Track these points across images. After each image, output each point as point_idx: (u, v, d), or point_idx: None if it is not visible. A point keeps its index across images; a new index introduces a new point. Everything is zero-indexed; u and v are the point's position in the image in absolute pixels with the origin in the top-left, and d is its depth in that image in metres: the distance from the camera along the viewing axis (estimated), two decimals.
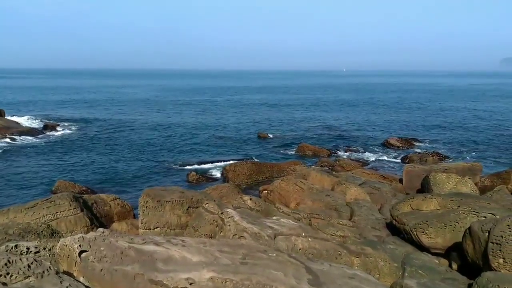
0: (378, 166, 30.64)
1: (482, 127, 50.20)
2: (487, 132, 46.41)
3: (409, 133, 45.03)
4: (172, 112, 63.66)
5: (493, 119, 57.41)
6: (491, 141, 40.74)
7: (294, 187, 16.13)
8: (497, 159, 33.18)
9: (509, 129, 48.75)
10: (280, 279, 5.11)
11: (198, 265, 5.21)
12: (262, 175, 24.86)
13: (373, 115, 62.34)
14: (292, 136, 42.85)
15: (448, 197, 12.44)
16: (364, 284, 5.60)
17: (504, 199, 16.51)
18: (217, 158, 32.51)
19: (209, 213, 8.68)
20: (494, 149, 37.22)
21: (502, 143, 39.75)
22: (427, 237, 10.90)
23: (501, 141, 41.00)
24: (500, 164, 31.26)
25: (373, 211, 14.76)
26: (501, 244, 8.63)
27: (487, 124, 52.87)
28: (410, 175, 21.14)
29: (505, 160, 32.95)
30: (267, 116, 60.15)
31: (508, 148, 37.42)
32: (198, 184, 24.92)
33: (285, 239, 7.69)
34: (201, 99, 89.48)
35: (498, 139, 42.06)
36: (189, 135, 43.21)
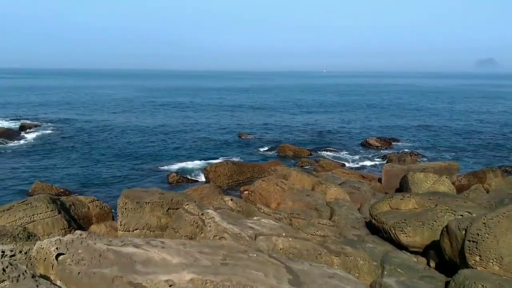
0: (357, 166, 30.98)
1: (458, 127, 51.20)
2: (464, 132, 47.35)
3: (387, 133, 45.61)
4: (152, 113, 63.12)
5: (469, 119, 58.61)
6: (467, 141, 41.59)
7: (275, 187, 16.15)
8: (474, 159, 33.89)
9: (485, 129, 49.84)
10: (261, 279, 5.12)
11: (178, 266, 5.17)
12: (243, 176, 24.83)
13: (352, 115, 62.97)
14: (273, 137, 42.96)
15: (426, 196, 12.63)
16: (344, 283, 5.64)
17: (480, 197, 16.85)
18: (198, 159, 32.38)
19: (189, 214, 8.62)
20: (471, 148, 38.01)
21: (478, 143, 40.61)
22: (406, 236, 11.06)
23: (477, 140, 41.88)
24: (476, 163, 31.94)
25: (353, 210, 14.89)
26: (477, 242, 8.81)
27: (463, 124, 53.95)
28: (389, 175, 21.40)
29: (481, 159, 33.68)
30: (248, 116, 60.19)
31: (484, 148, 38.25)
32: (179, 185, 24.76)
33: (265, 239, 7.70)
34: (182, 99, 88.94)
35: (474, 138, 42.96)
36: (169, 135, 42.91)
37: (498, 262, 8.60)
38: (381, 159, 32.59)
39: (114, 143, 38.25)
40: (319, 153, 35.35)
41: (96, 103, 76.38)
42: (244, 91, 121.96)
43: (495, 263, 8.61)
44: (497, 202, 15.80)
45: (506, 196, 16.77)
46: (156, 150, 35.53)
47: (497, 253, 8.62)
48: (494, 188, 18.91)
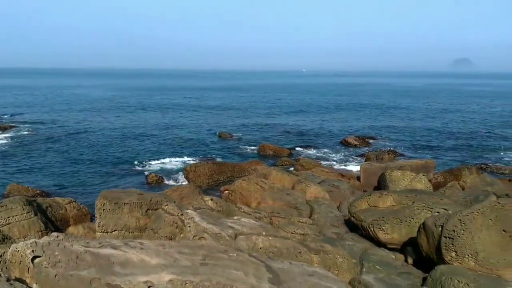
0: (336, 164, 31.25)
1: (435, 125, 52.12)
2: (440, 130, 48.24)
3: (366, 132, 46.16)
4: (130, 113, 62.42)
5: (445, 118, 59.75)
6: (443, 139, 42.38)
7: (255, 186, 16.16)
8: (450, 156, 34.56)
9: (461, 127, 50.88)
10: (241, 278, 5.12)
11: (157, 267, 5.14)
12: (223, 175, 24.78)
13: (331, 114, 63.49)
14: (253, 136, 42.99)
15: (403, 194, 12.82)
16: (323, 281, 5.69)
17: (456, 194, 17.20)
18: (178, 159, 32.17)
19: (168, 214, 8.57)
20: (447, 146, 38.74)
21: (454, 141, 41.43)
22: (384, 233, 11.21)
23: (453, 138, 42.73)
24: (452, 161, 32.58)
25: (332, 208, 15.02)
26: (453, 238, 8.99)
27: (439, 122, 54.96)
28: (367, 173, 21.66)
29: (457, 157, 34.37)
30: (228, 116, 60.10)
31: (460, 146, 39.05)
32: (158, 186, 24.57)
33: (245, 238, 7.70)
34: (161, 99, 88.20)
35: (451, 137, 43.82)
36: (148, 135, 42.50)
37: (473, 258, 8.79)
38: (360, 157, 32.96)
39: (91, 143, 37.69)
40: (299, 152, 35.53)
41: (73, 103, 75.13)
42: (224, 91, 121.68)
43: (471, 259, 8.80)
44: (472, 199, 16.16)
45: (481, 193, 17.16)
46: (135, 151, 35.15)
47: (473, 249, 8.81)
48: (470, 185, 19.32)
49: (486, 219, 9.02)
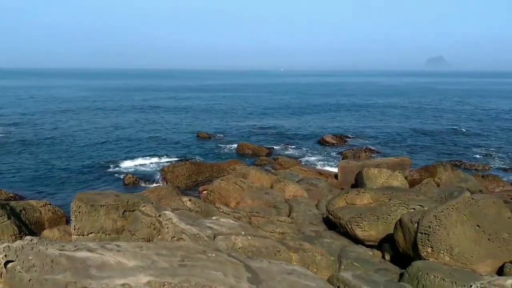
0: (315, 163, 31.48)
1: (410, 123, 53.03)
2: (415, 128, 49.09)
3: (343, 130, 46.62)
4: (106, 113, 61.50)
5: (420, 116, 60.85)
6: (419, 137, 43.16)
7: (234, 186, 16.14)
8: (425, 154, 35.21)
9: (435, 125, 51.88)
10: (220, 279, 5.10)
11: (134, 269, 5.07)
12: (201, 176, 24.66)
13: (309, 113, 63.90)
14: (232, 136, 42.93)
15: (380, 191, 13.00)
16: (302, 279, 5.72)
17: (431, 191, 17.52)
18: (155, 159, 31.87)
19: (146, 216, 8.47)
20: (422, 144, 39.46)
21: (429, 138, 42.24)
22: (361, 230, 11.34)
23: (428, 136, 43.55)
24: (427, 158, 33.20)
25: (311, 207, 15.11)
26: (429, 234, 9.16)
27: (415, 120, 55.95)
28: (345, 171, 21.88)
29: (432, 154, 35.05)
30: (206, 116, 59.84)
31: (435, 143, 39.84)
32: (135, 187, 24.28)
33: (224, 238, 7.68)
34: (137, 99, 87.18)
35: (426, 134, 44.64)
36: (124, 136, 41.96)
37: (448, 253, 8.97)
38: (337, 156, 33.27)
39: (67, 145, 37.00)
40: (277, 151, 35.65)
41: (47, 104, 73.56)
42: (201, 90, 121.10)
43: (446, 254, 8.98)
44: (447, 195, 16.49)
45: (455, 189, 17.52)
46: (111, 152, 34.67)
47: (448, 244, 8.99)
48: (444, 181, 19.71)
49: (460, 215, 9.22)
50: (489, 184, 22.08)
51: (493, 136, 43.55)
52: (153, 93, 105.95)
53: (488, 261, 9.01)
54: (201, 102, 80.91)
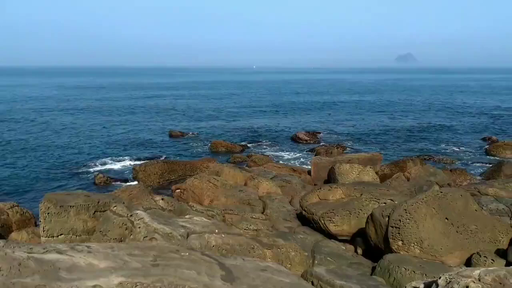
0: (288, 159, 31.66)
1: (381, 119, 53.98)
2: (386, 124, 50.00)
3: (315, 127, 47.04)
4: (76, 112, 60.14)
5: (390, 112, 62.02)
6: (389, 132, 43.96)
7: (207, 184, 16.07)
8: (395, 149, 35.91)
9: (405, 120, 52.98)
10: (193, 278, 5.06)
11: (105, 271, 4.98)
12: (174, 174, 24.43)
13: (282, 110, 64.20)
14: (205, 133, 42.71)
15: (351, 186, 13.19)
16: (276, 275, 5.74)
17: (401, 185, 17.91)
18: (126, 158, 31.39)
19: (117, 216, 8.33)
20: (392, 139, 40.22)
21: (399, 134, 43.08)
22: (334, 225, 11.48)
23: (398, 132, 44.42)
24: (397, 153, 33.86)
25: (284, 203, 15.20)
26: (399, 228, 9.34)
27: (385, 116, 56.97)
28: (318, 167, 22.08)
29: (402, 149, 35.77)
30: (179, 114, 59.31)
31: (405, 138, 40.66)
32: (106, 187, 23.85)
33: (198, 237, 7.63)
34: (107, 97, 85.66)
35: (396, 130, 45.51)
36: (95, 136, 41.17)
37: (418, 246, 9.18)
38: (310, 152, 33.54)
39: (34, 144, 36.02)
40: (251, 148, 35.68)
41: (13, 103, 71.37)
42: (173, 88, 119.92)
43: (416, 247, 9.19)
44: (416, 189, 16.88)
45: (425, 183, 17.95)
46: (81, 152, 33.95)
47: (418, 237, 9.20)
48: (414, 176, 20.14)
49: (429, 208, 9.44)
50: (457, 177, 22.69)
51: (460, 131, 44.79)
52: (123, 91, 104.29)
53: (457, 252, 9.27)
54: (173, 100, 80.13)
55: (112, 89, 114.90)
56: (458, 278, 4.77)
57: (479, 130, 45.42)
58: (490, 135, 40.40)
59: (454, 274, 4.90)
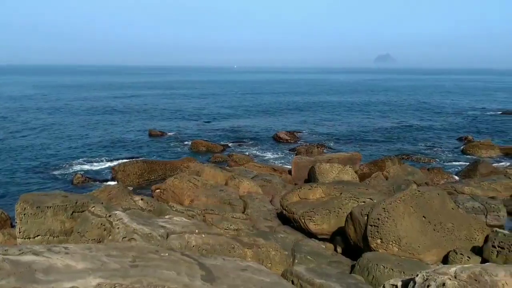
0: (269, 159, 31.73)
1: (360, 119, 54.54)
2: (365, 124, 50.55)
3: (296, 127, 47.24)
4: (53, 111, 59.06)
5: (369, 112, 62.72)
6: (368, 132, 44.46)
7: (187, 184, 16.00)
8: (374, 148, 36.33)
9: (384, 120, 53.65)
10: (173, 278, 5.03)
11: (83, 272, 4.90)
12: (154, 174, 24.22)
13: (263, 110, 64.28)
14: (185, 133, 42.45)
15: (331, 185, 13.29)
16: (256, 275, 5.74)
17: (380, 184, 18.14)
18: (105, 158, 30.99)
19: (96, 216, 8.22)
20: (371, 139, 40.68)
21: (377, 134, 43.60)
22: (314, 224, 11.56)
23: (377, 131, 44.95)
24: (376, 152, 34.26)
25: (265, 202, 15.24)
26: (378, 226, 9.46)
27: (364, 116, 57.59)
28: (298, 167, 22.20)
29: (381, 149, 36.21)
30: (159, 113, 58.80)
31: (383, 138, 41.17)
32: (84, 187, 23.50)
33: (178, 237, 7.58)
34: (86, 96, 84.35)
35: (374, 130, 46.05)
36: (73, 135, 40.51)
37: (397, 244, 9.31)
38: (291, 151, 33.69)
39: (11, 145, 35.25)
40: (232, 148, 35.63)
41: None
42: (153, 88, 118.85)
43: (394, 245, 9.31)
44: (395, 188, 17.11)
45: (403, 182, 18.21)
46: (59, 151, 33.36)
47: (396, 235, 9.33)
48: (392, 175, 20.43)
49: (407, 207, 9.58)
50: (434, 176, 23.10)
51: (438, 131, 45.58)
52: (102, 90, 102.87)
53: (434, 250, 9.43)
54: (153, 100, 79.40)
55: (90, 88, 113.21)
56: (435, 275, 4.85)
57: (455, 130, 46.31)
58: (466, 135, 41.23)
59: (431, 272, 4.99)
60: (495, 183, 19.17)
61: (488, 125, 50.02)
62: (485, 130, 46.05)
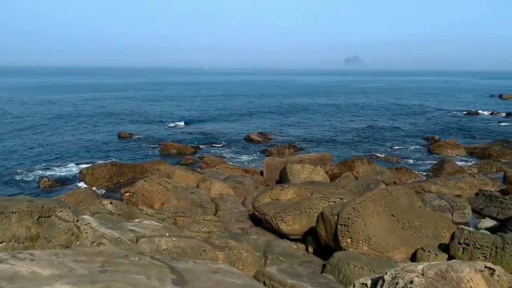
0: (240, 160, 31.70)
1: (330, 120, 55.25)
2: (335, 125, 51.23)
3: (267, 128, 47.41)
4: (17, 113, 57.25)
5: (339, 113, 63.62)
6: (338, 133, 45.07)
7: (158, 187, 15.81)
8: (344, 149, 36.84)
9: (353, 121, 54.52)
10: (143, 283, 4.95)
11: (50, 279, 4.77)
12: (123, 177, 23.82)
13: (234, 111, 64.21)
14: (155, 135, 41.94)
15: (302, 186, 13.40)
16: (227, 277, 5.72)
17: (350, 184, 18.40)
18: (73, 161, 30.25)
19: (63, 221, 8.01)
20: (341, 140, 41.25)
21: (347, 134, 44.26)
22: (286, 225, 11.62)
23: (347, 132, 45.64)
24: (346, 153, 34.75)
25: (237, 204, 15.22)
26: (348, 226, 9.59)
27: (334, 117, 58.38)
28: (270, 168, 22.28)
29: (350, 149, 36.75)
30: (128, 114, 57.88)
31: (353, 138, 41.81)
32: (51, 191, 22.89)
33: (148, 241, 7.48)
34: (53, 98, 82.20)
35: (344, 130, 46.74)
36: (40, 138, 39.38)
37: (366, 243, 9.46)
38: (262, 153, 33.77)
39: None
40: (203, 150, 35.42)
41: None
42: (123, 89, 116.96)
43: (364, 244, 9.46)
44: (364, 187, 17.39)
45: (372, 181, 18.53)
46: (24, 155, 32.37)
47: (365, 234, 9.48)
48: (362, 174, 20.77)
49: (376, 206, 9.75)
50: (402, 176, 23.61)
51: (405, 131, 46.63)
52: (68, 92, 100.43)
53: (402, 248, 9.63)
54: (122, 101, 78.13)
55: (56, 89, 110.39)
56: (403, 273, 4.95)
57: (422, 130, 47.48)
58: (432, 135, 42.33)
59: (399, 270, 5.09)
60: (460, 181, 19.77)
61: (453, 125, 51.52)
62: (451, 130, 47.40)
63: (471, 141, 39.62)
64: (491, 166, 26.32)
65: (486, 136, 43.21)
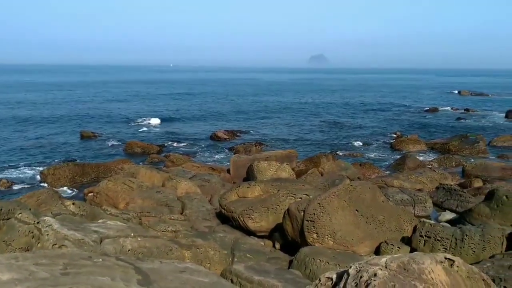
0: (207, 158, 31.54)
1: (296, 117, 55.76)
2: (301, 122, 51.75)
3: (234, 126, 47.34)
4: None
5: (304, 110, 64.35)
6: (303, 130, 45.55)
7: (122, 186, 15.51)
8: (309, 146, 37.27)
9: (319, 118, 55.22)
10: (107, 284, 4.85)
11: (9, 283, 4.60)
12: (87, 177, 23.28)
13: (199, 109, 63.80)
14: (119, 133, 41.15)
15: (269, 183, 13.47)
16: (194, 276, 5.69)
17: (315, 180, 18.65)
18: (34, 162, 29.28)
19: (23, 223, 7.74)
20: (307, 136, 41.71)
21: (312, 131, 44.80)
22: (253, 222, 11.66)
23: (312, 129, 46.18)
24: (312, 149, 35.16)
25: (204, 202, 15.14)
26: (314, 221, 9.71)
27: (299, 114, 58.95)
28: (237, 165, 22.28)
29: (316, 146, 37.22)
30: (91, 113, 56.41)
31: (318, 135, 42.36)
32: (10, 192, 22.08)
33: (112, 242, 7.34)
34: (10, 96, 79.18)
35: (310, 127, 47.28)
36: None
37: (332, 237, 9.61)
38: (229, 150, 33.71)
39: None
40: (168, 148, 35.02)
41: None
42: (84, 86, 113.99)
43: (330, 239, 9.61)
44: (329, 183, 17.66)
45: (337, 177, 18.84)
46: None
47: (331, 229, 9.63)
48: (327, 170, 21.07)
49: (341, 201, 9.92)
50: (366, 171, 24.11)
51: (369, 127, 47.62)
52: (26, 90, 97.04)
53: (367, 242, 9.84)
54: (85, 99, 76.18)
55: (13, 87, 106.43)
56: (367, 266, 5.05)
57: (385, 126, 48.62)
58: (395, 131, 43.44)
59: (364, 263, 5.19)
60: (421, 176, 20.37)
61: (414, 121, 52.99)
62: (413, 126, 48.74)
63: (431, 137, 40.86)
64: (451, 161, 27.24)
65: (446, 131, 44.66)
